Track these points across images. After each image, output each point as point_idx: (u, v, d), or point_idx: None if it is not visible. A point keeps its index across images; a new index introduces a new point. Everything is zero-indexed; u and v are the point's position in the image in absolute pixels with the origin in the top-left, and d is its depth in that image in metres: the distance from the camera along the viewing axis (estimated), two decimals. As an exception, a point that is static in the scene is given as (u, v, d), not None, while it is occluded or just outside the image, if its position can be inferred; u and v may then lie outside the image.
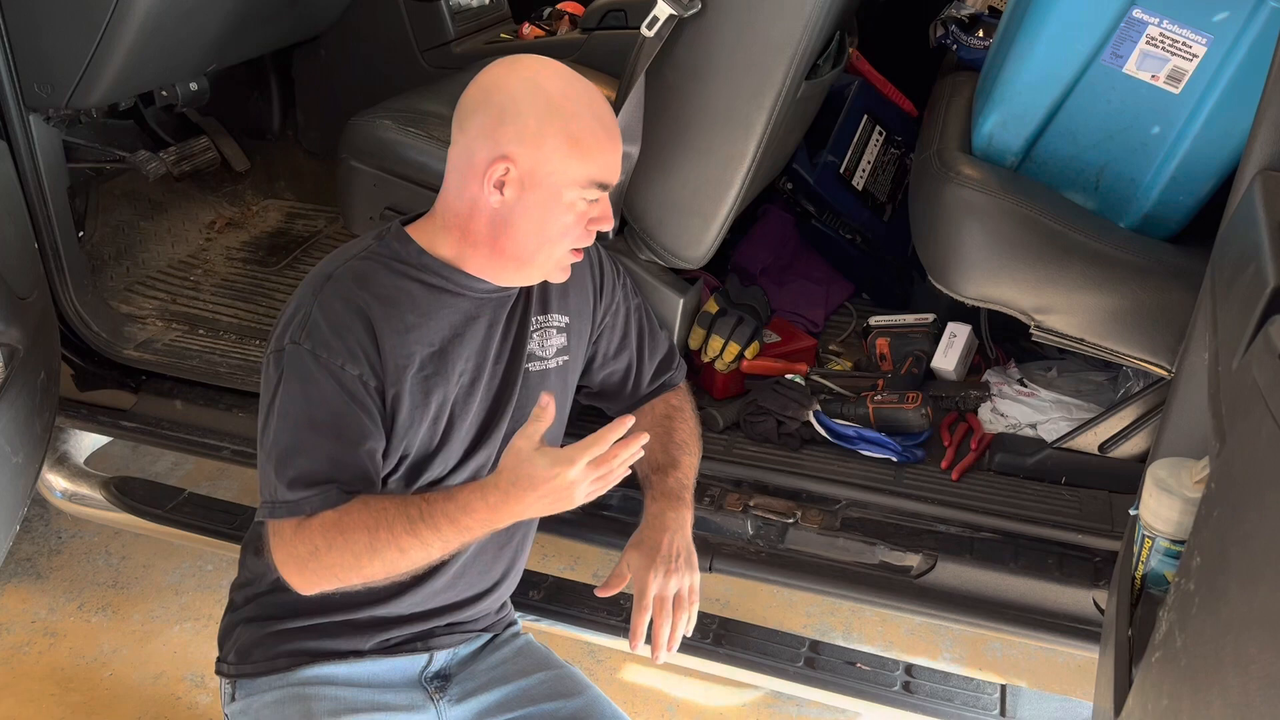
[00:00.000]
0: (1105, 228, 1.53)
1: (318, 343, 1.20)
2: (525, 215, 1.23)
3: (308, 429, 1.21)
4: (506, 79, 1.23)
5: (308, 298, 1.23)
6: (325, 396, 1.21)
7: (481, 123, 1.22)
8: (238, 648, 1.39)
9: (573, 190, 1.22)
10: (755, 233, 2.15)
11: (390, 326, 1.23)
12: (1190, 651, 0.79)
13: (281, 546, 1.23)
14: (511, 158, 1.20)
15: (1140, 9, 1.41)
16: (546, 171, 1.21)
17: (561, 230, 1.25)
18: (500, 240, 1.25)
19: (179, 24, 1.90)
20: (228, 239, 2.54)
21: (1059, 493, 1.59)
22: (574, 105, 1.21)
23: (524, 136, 1.19)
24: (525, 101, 1.20)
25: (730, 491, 1.67)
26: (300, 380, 1.21)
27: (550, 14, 2.69)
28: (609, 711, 1.43)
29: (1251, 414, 0.74)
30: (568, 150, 1.20)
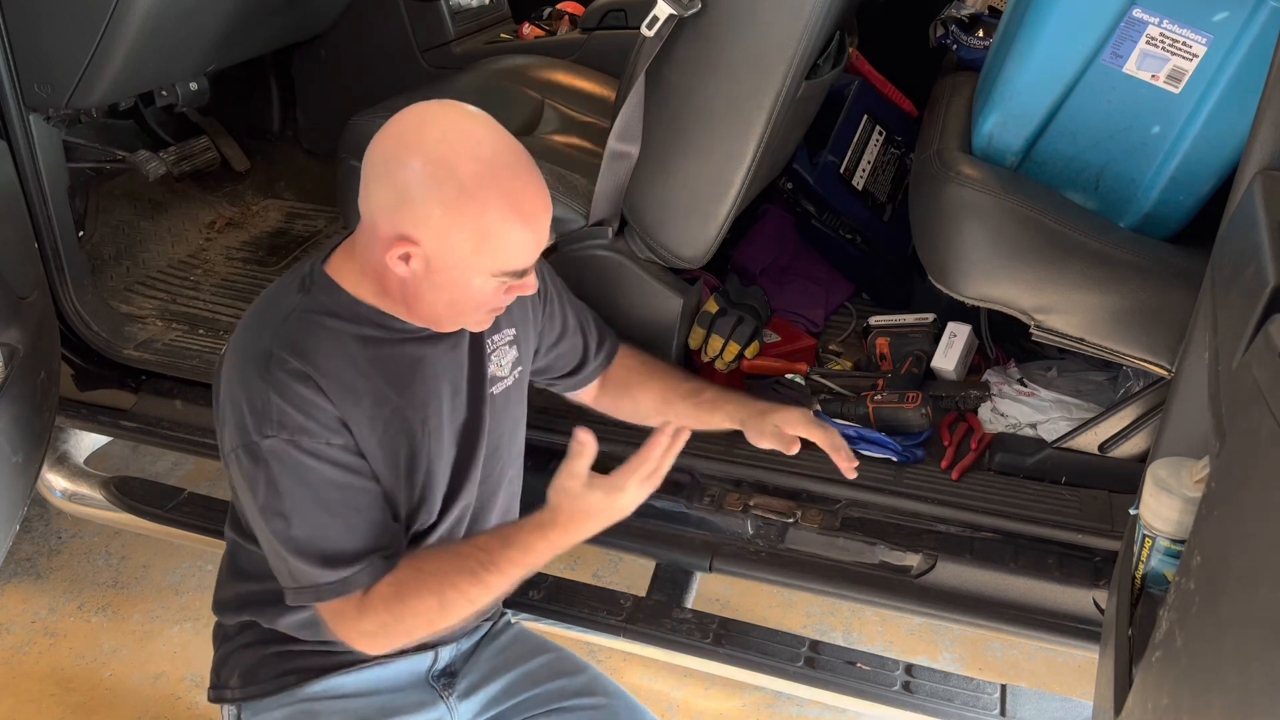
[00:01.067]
0: (1105, 228, 1.53)
1: (293, 430, 1.13)
2: (433, 291, 1.15)
3: (322, 513, 1.17)
4: (417, 150, 1.10)
5: (257, 383, 1.14)
6: (325, 478, 1.16)
7: (384, 197, 1.11)
8: (241, 672, 1.36)
9: (482, 278, 1.14)
10: (755, 233, 2.15)
11: (341, 397, 1.17)
12: (1190, 651, 0.79)
13: (345, 625, 1.20)
14: (415, 240, 1.10)
15: (1140, 9, 1.41)
16: (454, 260, 1.12)
17: (475, 305, 1.18)
18: (411, 303, 1.18)
19: (179, 24, 1.90)
20: (228, 239, 2.54)
21: (1059, 493, 1.59)
22: (488, 191, 1.09)
23: (428, 223, 1.09)
24: (432, 186, 1.08)
25: (730, 491, 1.67)
26: (291, 471, 1.14)
27: (550, 14, 2.69)
28: (612, 686, 1.46)
29: (1251, 413, 0.74)
30: (478, 244, 1.11)
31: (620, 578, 2.25)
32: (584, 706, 1.42)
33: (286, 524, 1.16)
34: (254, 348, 1.17)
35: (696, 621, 1.70)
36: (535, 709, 1.42)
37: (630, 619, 1.70)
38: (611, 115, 1.58)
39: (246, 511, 1.23)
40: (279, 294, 1.23)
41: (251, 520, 1.22)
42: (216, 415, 1.23)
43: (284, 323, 1.17)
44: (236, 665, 1.37)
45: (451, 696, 1.41)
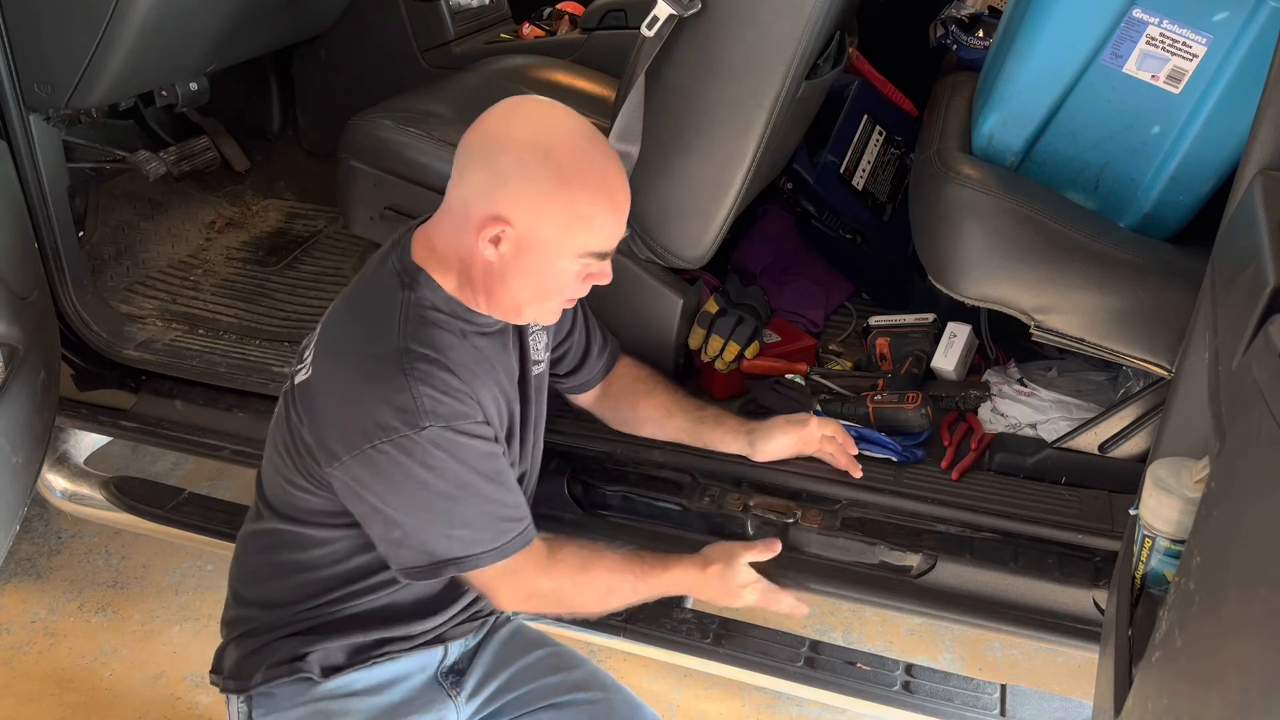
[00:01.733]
0: (1105, 228, 1.53)
1: (448, 416, 1.17)
2: (520, 274, 1.20)
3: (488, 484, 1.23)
4: (517, 136, 1.17)
5: (398, 379, 1.16)
6: (482, 453, 1.22)
7: (481, 179, 1.17)
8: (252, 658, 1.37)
9: (570, 259, 1.20)
10: (755, 233, 2.15)
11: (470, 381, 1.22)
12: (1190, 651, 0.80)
13: (520, 581, 1.28)
14: (509, 220, 1.16)
15: (1140, 9, 1.41)
16: (545, 240, 1.17)
17: (557, 289, 1.24)
18: (494, 290, 1.23)
19: (179, 24, 1.91)
20: (228, 239, 2.54)
21: (1059, 493, 1.59)
22: (583, 177, 1.16)
23: (524, 203, 1.15)
24: (531, 167, 1.15)
25: (730, 491, 1.67)
26: (453, 454, 1.19)
27: (550, 14, 2.69)
28: (609, 681, 1.50)
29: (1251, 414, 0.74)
30: (569, 224, 1.17)
31: (620, 578, 2.25)
32: (582, 701, 1.44)
33: (453, 503, 1.20)
34: (381, 347, 1.19)
35: (696, 621, 1.70)
36: (534, 704, 1.44)
37: (630, 619, 1.70)
38: (611, 115, 1.57)
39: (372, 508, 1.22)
40: (380, 292, 1.24)
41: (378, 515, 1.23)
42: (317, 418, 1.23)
43: (406, 320, 1.20)
44: (241, 656, 1.38)
45: (459, 695, 1.43)
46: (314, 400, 1.24)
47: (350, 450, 1.19)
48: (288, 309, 2.24)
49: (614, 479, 1.73)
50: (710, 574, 1.41)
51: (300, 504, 1.32)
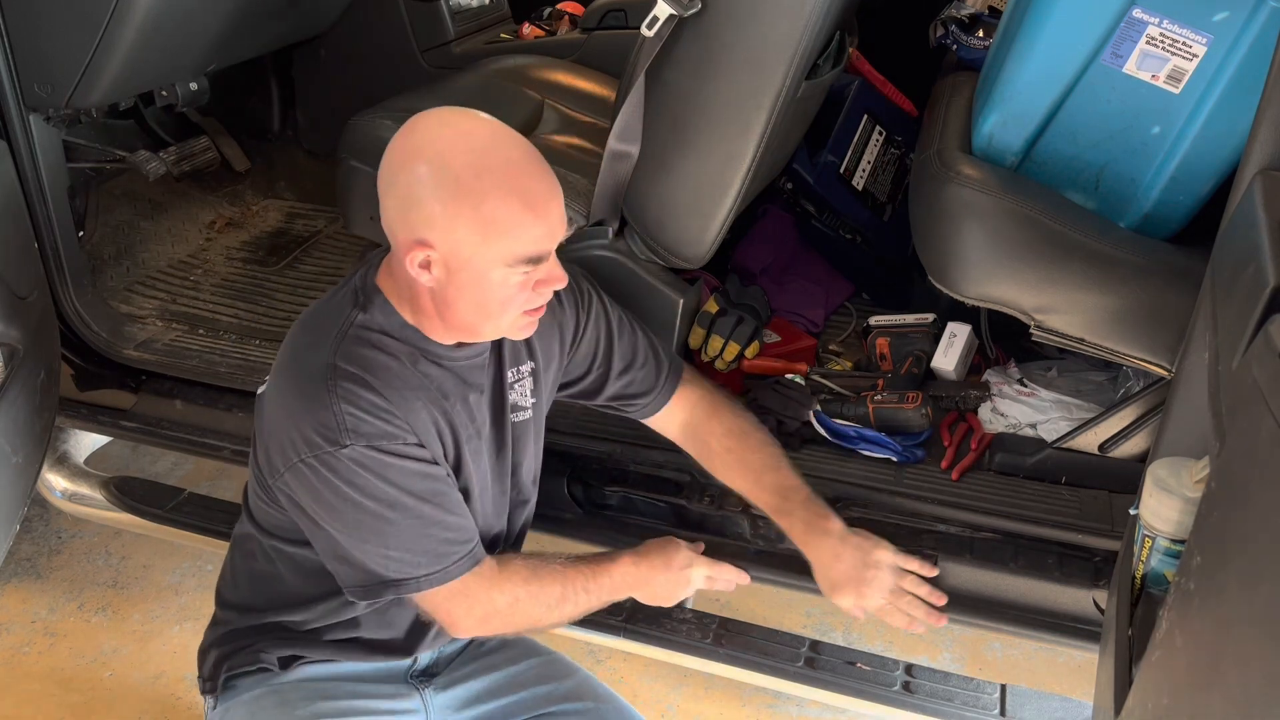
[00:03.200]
0: (1105, 228, 1.53)
1: (365, 436, 1.15)
2: (459, 294, 1.16)
3: (421, 504, 1.20)
4: (412, 156, 1.13)
5: (323, 396, 1.15)
6: (411, 472, 1.19)
7: (392, 204, 1.15)
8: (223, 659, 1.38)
9: (499, 270, 1.15)
10: (755, 233, 2.15)
11: (406, 406, 1.20)
12: (1190, 651, 0.80)
13: (471, 601, 1.26)
14: (428, 242, 1.13)
15: (1140, 9, 1.41)
16: (466, 256, 1.13)
17: (502, 303, 1.18)
18: (445, 314, 1.20)
19: (179, 24, 1.90)
20: (228, 239, 2.54)
21: (1059, 493, 1.59)
22: (484, 183, 1.10)
23: (434, 221, 1.11)
24: (430, 184, 1.11)
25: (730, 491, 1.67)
26: (378, 474, 1.17)
27: (550, 14, 2.69)
28: (602, 690, 1.47)
29: (1251, 413, 0.74)
30: (482, 234, 1.11)
31: (620, 578, 2.25)
32: (571, 711, 1.42)
33: (386, 524, 1.18)
34: (313, 362, 1.18)
35: (696, 621, 1.70)
36: (522, 713, 1.43)
37: (630, 619, 1.70)
38: (611, 115, 1.57)
39: (313, 522, 1.22)
40: (332, 309, 1.23)
41: (320, 531, 1.22)
42: (264, 430, 1.23)
43: (342, 338, 1.19)
44: (216, 656, 1.39)
45: (428, 689, 1.42)
46: (262, 412, 1.24)
47: (285, 464, 1.19)
48: (288, 309, 2.24)
49: (614, 479, 1.73)
50: (650, 563, 1.38)
51: (266, 517, 1.33)
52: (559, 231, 1.17)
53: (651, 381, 1.49)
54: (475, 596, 1.26)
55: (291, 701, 1.32)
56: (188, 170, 2.48)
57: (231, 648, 1.38)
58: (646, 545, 1.41)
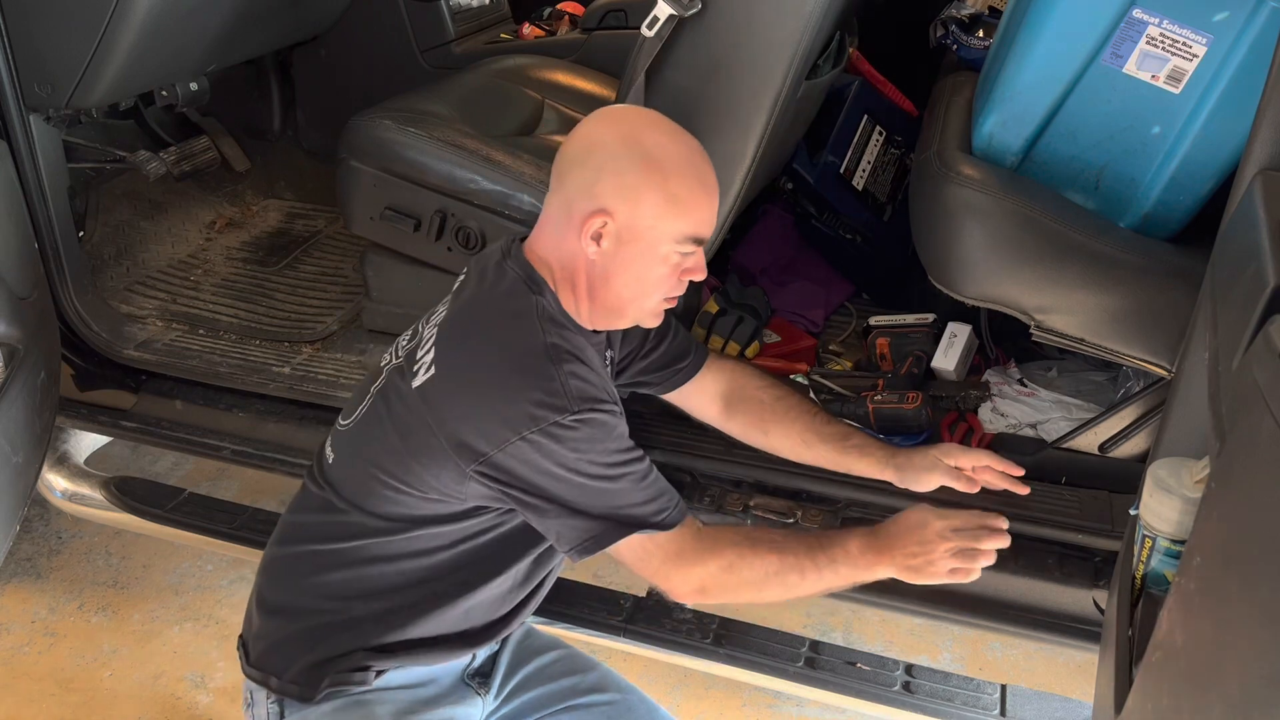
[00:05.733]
0: (1105, 228, 1.53)
1: (595, 401, 1.21)
2: (622, 267, 1.25)
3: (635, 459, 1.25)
4: (607, 134, 1.25)
5: (550, 370, 1.21)
6: (625, 433, 1.26)
7: (581, 177, 1.23)
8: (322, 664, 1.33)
9: (668, 245, 1.24)
10: (755, 233, 2.15)
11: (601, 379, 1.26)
12: (1190, 651, 0.80)
13: (685, 563, 1.27)
14: (609, 212, 1.22)
15: (1140, 9, 1.41)
16: (644, 226, 1.22)
17: (656, 281, 1.27)
18: (598, 290, 1.27)
19: (179, 24, 1.91)
20: (228, 239, 2.54)
21: (1059, 493, 1.59)
22: (673, 162, 1.22)
23: (622, 192, 1.21)
24: (625, 158, 1.22)
25: (730, 491, 1.67)
26: (604, 433, 1.22)
27: (550, 14, 2.70)
28: (624, 683, 1.51)
29: (1251, 414, 0.74)
30: (665, 207, 1.22)
31: (620, 578, 2.25)
32: (599, 702, 1.45)
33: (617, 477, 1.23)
34: (528, 343, 1.23)
35: (696, 621, 1.70)
36: (551, 705, 1.45)
37: (630, 619, 1.70)
38: (611, 115, 1.57)
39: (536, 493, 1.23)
40: (513, 295, 1.28)
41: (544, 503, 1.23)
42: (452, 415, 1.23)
43: (547, 320, 1.25)
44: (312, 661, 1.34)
45: (487, 694, 1.45)
46: (449, 400, 1.24)
47: (499, 444, 1.20)
48: (288, 309, 2.24)
49: (614, 479, 1.73)
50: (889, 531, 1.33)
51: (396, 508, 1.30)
52: (714, 222, 1.28)
53: (686, 347, 1.54)
54: (690, 558, 1.27)
55: (377, 715, 1.32)
56: (188, 170, 2.48)
57: (329, 652, 1.33)
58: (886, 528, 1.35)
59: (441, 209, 1.83)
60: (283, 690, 1.35)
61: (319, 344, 2.09)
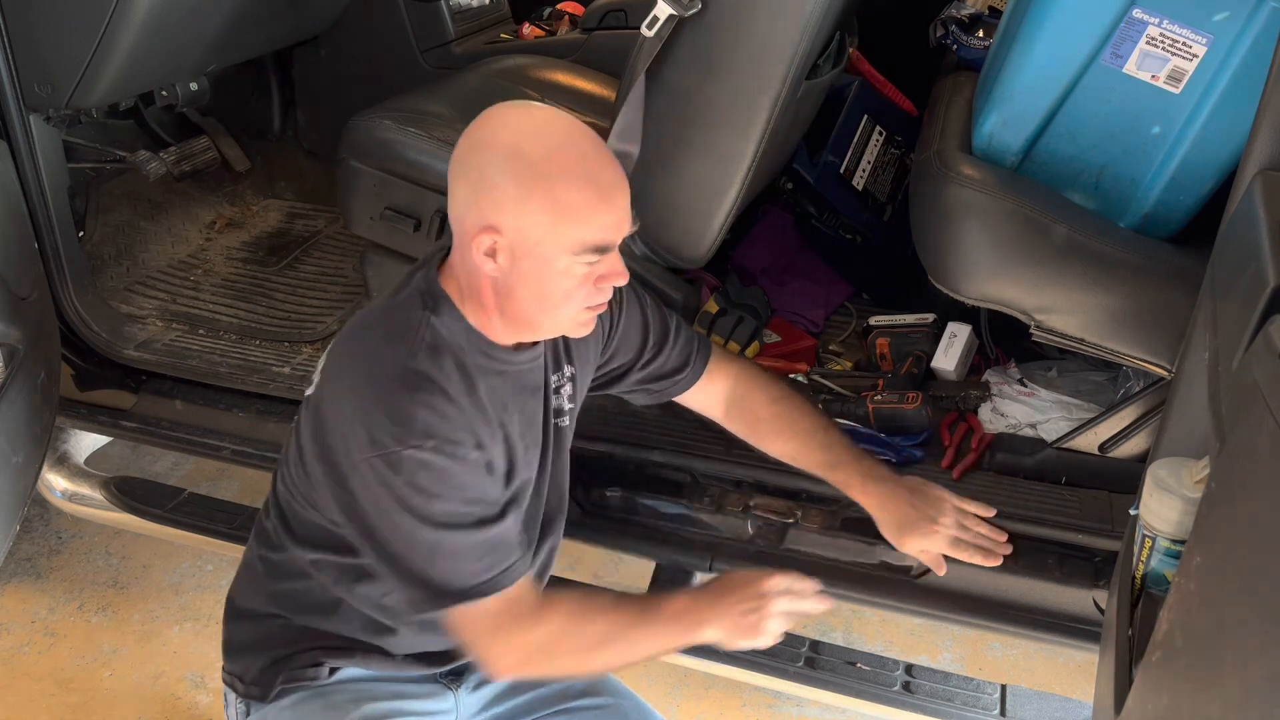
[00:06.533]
0: (1105, 228, 1.53)
1: (435, 439, 1.13)
2: (522, 283, 1.16)
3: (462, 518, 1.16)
4: (487, 141, 1.14)
5: (402, 396, 1.14)
6: (471, 481, 1.17)
7: (464, 191, 1.15)
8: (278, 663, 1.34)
9: (565, 258, 1.14)
10: (755, 233, 2.15)
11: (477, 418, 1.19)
12: (1190, 651, 0.80)
13: (506, 633, 1.19)
14: (496, 227, 1.12)
15: (1140, 9, 1.41)
16: (534, 240, 1.12)
17: (564, 295, 1.17)
18: (506, 306, 1.19)
19: (179, 24, 1.90)
20: (228, 239, 2.54)
21: (1059, 493, 1.59)
22: (559, 167, 1.11)
23: (506, 205, 1.11)
24: (504, 166, 1.11)
25: (730, 491, 1.67)
26: (433, 478, 1.14)
27: (550, 14, 2.69)
28: (619, 687, 1.48)
29: (1251, 414, 0.74)
30: (553, 218, 1.11)
31: (620, 578, 2.25)
32: (590, 706, 1.43)
33: (440, 531, 1.15)
34: (392, 363, 1.16)
35: (698, 621, 1.70)
36: (541, 709, 1.43)
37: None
38: (611, 115, 1.58)
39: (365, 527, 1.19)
40: (401, 310, 1.21)
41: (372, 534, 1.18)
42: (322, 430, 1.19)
43: (420, 341, 1.18)
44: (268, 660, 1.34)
45: (460, 689, 1.42)
46: (316, 414, 1.21)
47: (347, 463, 1.16)
48: (288, 309, 2.24)
49: (614, 479, 1.73)
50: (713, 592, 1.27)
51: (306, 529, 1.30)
52: (625, 224, 1.18)
53: (686, 356, 1.49)
54: (510, 628, 1.20)
55: (338, 704, 1.30)
56: (188, 170, 2.48)
57: (283, 652, 1.34)
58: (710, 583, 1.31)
59: (441, 209, 1.83)
60: (247, 693, 1.36)
61: (319, 344, 2.09)
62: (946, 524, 1.42)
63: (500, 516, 1.20)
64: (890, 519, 1.43)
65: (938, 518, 1.42)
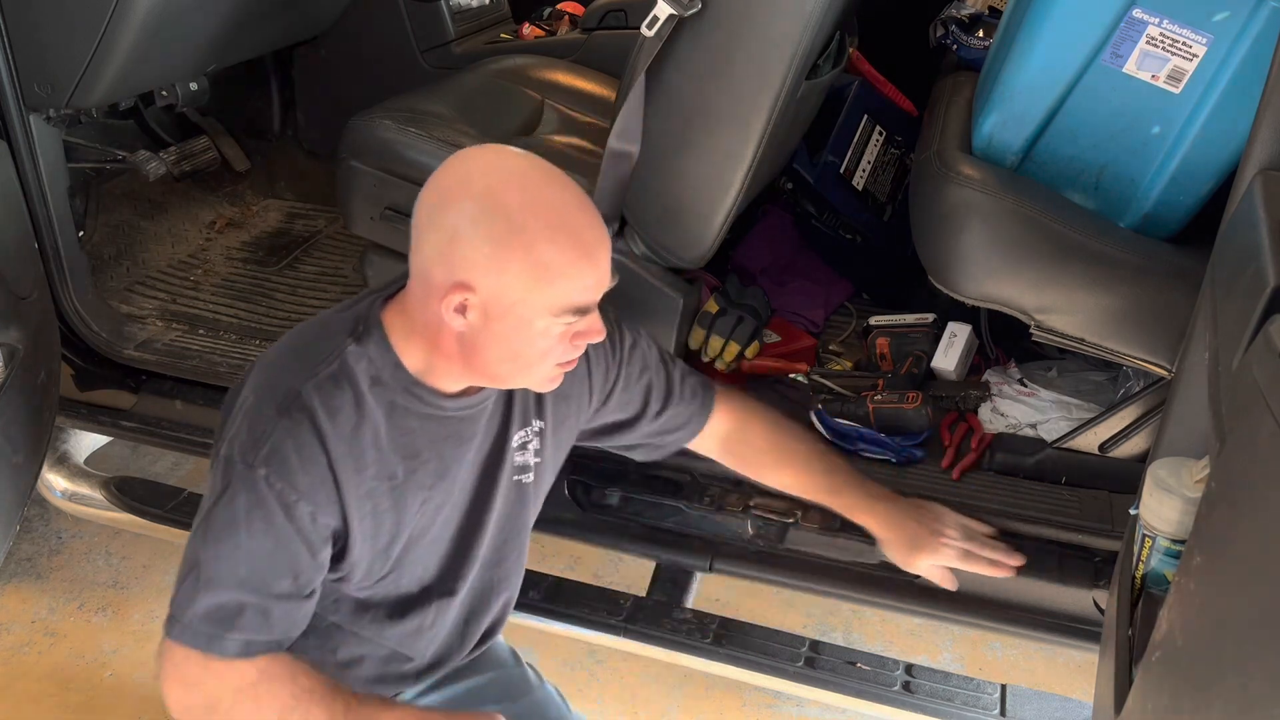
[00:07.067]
0: (1105, 228, 1.53)
1: (275, 472, 1.06)
2: (493, 342, 1.08)
3: (246, 562, 1.08)
4: (461, 190, 1.05)
5: (270, 414, 1.07)
6: (273, 530, 1.08)
7: (435, 241, 1.05)
8: None
9: (544, 319, 1.06)
10: (755, 233, 2.15)
11: (343, 464, 1.09)
12: (1190, 651, 0.80)
13: (179, 680, 1.11)
14: (469, 285, 1.04)
15: (1140, 9, 1.41)
16: (511, 301, 1.04)
17: (538, 355, 1.10)
18: (471, 359, 1.10)
19: (179, 24, 1.90)
20: (228, 239, 2.54)
21: (1059, 493, 1.59)
22: (540, 223, 1.03)
23: (482, 263, 1.03)
24: (483, 221, 1.02)
25: (730, 491, 1.67)
26: (250, 505, 1.07)
27: (550, 14, 2.69)
28: (553, 713, 1.43)
29: (1251, 413, 0.74)
30: (533, 279, 1.03)
31: (620, 578, 2.25)
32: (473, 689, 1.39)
33: (215, 548, 1.08)
34: (285, 380, 1.10)
35: (696, 621, 1.70)
36: None
37: (630, 619, 1.70)
38: (611, 115, 1.58)
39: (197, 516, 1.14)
40: (329, 332, 1.14)
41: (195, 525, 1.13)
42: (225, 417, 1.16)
43: (325, 367, 1.10)
44: None
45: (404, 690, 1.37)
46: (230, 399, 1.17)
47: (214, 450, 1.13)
48: (288, 309, 2.24)
49: (614, 479, 1.73)
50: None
51: None
52: (606, 281, 1.10)
53: (693, 411, 1.43)
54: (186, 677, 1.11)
55: None
56: (188, 170, 2.48)
57: None
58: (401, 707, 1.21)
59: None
60: None
61: (319, 344, 2.08)
62: (954, 537, 1.40)
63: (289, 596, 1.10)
64: (897, 538, 1.41)
65: (944, 531, 1.41)
